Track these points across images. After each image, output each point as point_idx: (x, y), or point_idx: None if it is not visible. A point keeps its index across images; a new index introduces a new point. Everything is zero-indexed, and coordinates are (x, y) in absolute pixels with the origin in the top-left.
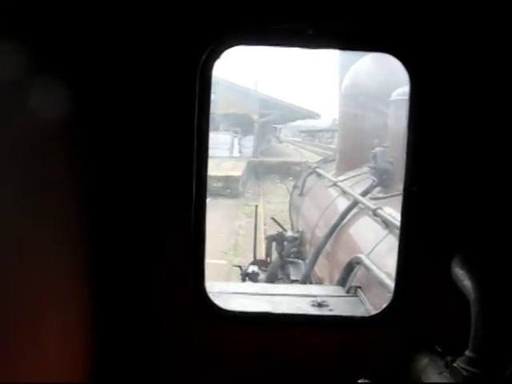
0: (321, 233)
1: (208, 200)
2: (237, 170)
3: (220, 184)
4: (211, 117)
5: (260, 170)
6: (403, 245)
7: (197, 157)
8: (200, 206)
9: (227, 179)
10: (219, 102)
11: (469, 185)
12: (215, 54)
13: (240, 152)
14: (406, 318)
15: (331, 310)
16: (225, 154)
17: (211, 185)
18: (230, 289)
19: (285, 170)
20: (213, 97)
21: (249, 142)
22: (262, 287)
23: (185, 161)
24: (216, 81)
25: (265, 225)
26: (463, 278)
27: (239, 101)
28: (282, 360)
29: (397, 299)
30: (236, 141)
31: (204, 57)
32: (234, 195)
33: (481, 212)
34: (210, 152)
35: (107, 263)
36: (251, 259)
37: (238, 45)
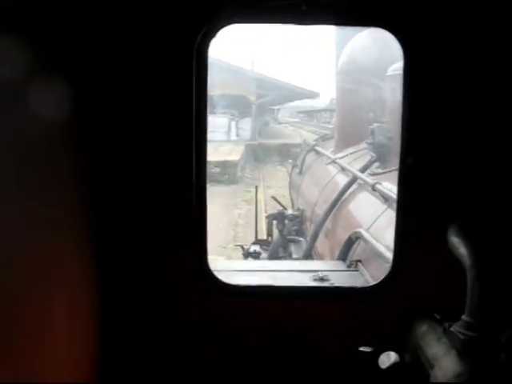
0: (321, 210)
1: None
2: (234, 154)
3: (217, 169)
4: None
5: (259, 153)
6: (400, 216)
7: (196, 136)
8: (200, 187)
9: (225, 164)
10: (214, 83)
11: (463, 155)
12: (210, 34)
13: (237, 135)
14: (404, 287)
15: (332, 283)
16: (222, 137)
17: (208, 170)
18: (233, 266)
19: (285, 152)
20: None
21: (246, 124)
22: (264, 264)
23: (184, 141)
24: (211, 61)
25: (266, 212)
26: (459, 246)
27: (235, 82)
28: (284, 331)
29: (395, 269)
30: (233, 124)
31: (199, 37)
32: (233, 181)
33: (476, 181)
34: (209, 136)
35: (111, 246)
36: None
37: (232, 23)
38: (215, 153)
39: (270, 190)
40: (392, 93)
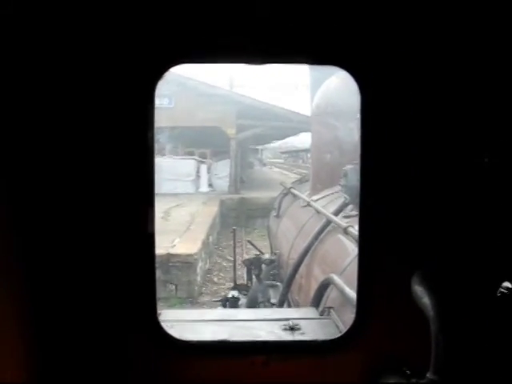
0: (296, 254)
1: None
2: (197, 229)
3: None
4: (166, 135)
5: (241, 214)
6: (363, 263)
7: (143, 179)
8: (148, 234)
9: (169, 263)
10: (178, 109)
11: (426, 198)
12: (158, 74)
13: (210, 185)
14: (369, 340)
15: (303, 333)
16: (187, 188)
17: None
18: (199, 316)
19: None
20: (167, 102)
21: (223, 168)
22: (233, 313)
23: (130, 186)
24: (175, 79)
25: None
26: (422, 296)
27: (207, 107)
28: None
29: (360, 320)
30: (204, 168)
31: (146, 76)
32: (184, 300)
33: (439, 226)
34: (167, 187)
35: (49, 293)
36: None
37: (180, 63)
38: (164, 224)
39: None
40: None
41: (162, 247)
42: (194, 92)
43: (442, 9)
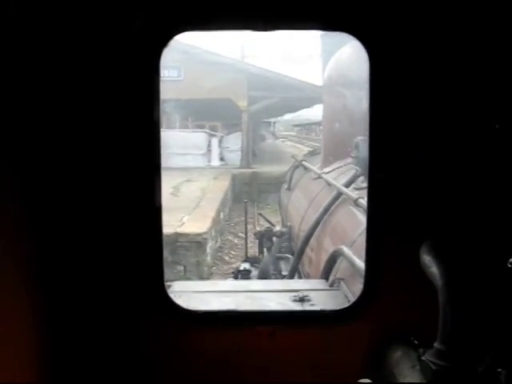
0: (307, 226)
1: None
2: (203, 214)
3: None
4: (175, 107)
5: (254, 190)
6: (371, 233)
7: (148, 150)
8: (155, 206)
9: (177, 243)
10: (188, 81)
11: (435, 169)
12: (162, 42)
13: (222, 159)
14: (379, 309)
15: (313, 304)
16: (198, 162)
17: None
18: (209, 287)
19: None
20: (176, 74)
21: (235, 142)
22: (243, 284)
23: (136, 159)
24: (183, 49)
25: None
26: (431, 265)
27: (218, 78)
28: (251, 361)
29: (368, 290)
30: (215, 142)
31: (152, 45)
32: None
33: (449, 197)
34: (177, 161)
35: (58, 268)
36: None
37: (185, 31)
38: (173, 201)
39: None
40: None
41: (169, 226)
42: (204, 63)
43: None
